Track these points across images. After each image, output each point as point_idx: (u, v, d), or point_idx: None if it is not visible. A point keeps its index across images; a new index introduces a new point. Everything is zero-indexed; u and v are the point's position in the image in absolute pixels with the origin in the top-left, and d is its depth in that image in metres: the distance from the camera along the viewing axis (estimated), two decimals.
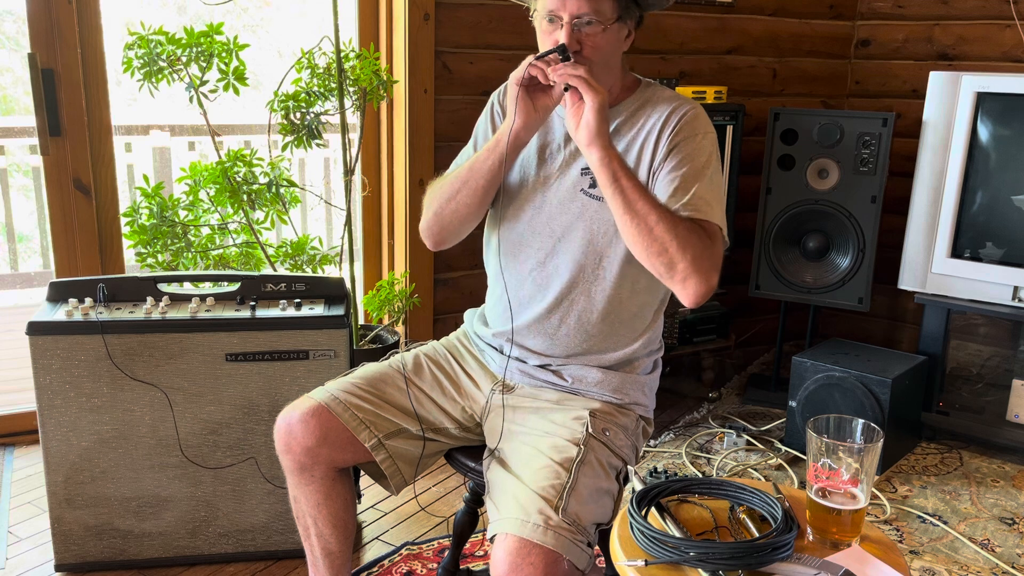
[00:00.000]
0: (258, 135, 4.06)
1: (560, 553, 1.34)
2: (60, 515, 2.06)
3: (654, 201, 1.45)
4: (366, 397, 1.66)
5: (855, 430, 1.35)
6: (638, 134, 1.59)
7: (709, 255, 1.46)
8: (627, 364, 1.65)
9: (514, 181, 1.67)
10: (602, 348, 1.64)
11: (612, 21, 1.51)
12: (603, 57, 1.53)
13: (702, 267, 1.44)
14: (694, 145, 1.54)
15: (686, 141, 1.54)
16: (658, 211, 1.44)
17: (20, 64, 4.44)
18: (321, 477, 1.66)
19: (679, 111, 1.57)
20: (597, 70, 1.50)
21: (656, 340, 1.72)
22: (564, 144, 1.64)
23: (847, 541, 1.30)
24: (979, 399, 2.91)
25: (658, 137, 1.56)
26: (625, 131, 1.60)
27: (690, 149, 1.54)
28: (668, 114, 1.57)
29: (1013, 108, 2.68)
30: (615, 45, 1.56)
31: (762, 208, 3.06)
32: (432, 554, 2.24)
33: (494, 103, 1.76)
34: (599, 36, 1.50)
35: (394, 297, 2.80)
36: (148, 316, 2.01)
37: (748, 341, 3.68)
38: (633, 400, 1.64)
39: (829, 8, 3.46)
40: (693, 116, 1.57)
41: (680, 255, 1.43)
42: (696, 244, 1.44)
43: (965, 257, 2.79)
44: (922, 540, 2.37)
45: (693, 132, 1.55)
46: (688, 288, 1.45)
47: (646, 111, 1.60)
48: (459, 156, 1.81)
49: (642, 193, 1.45)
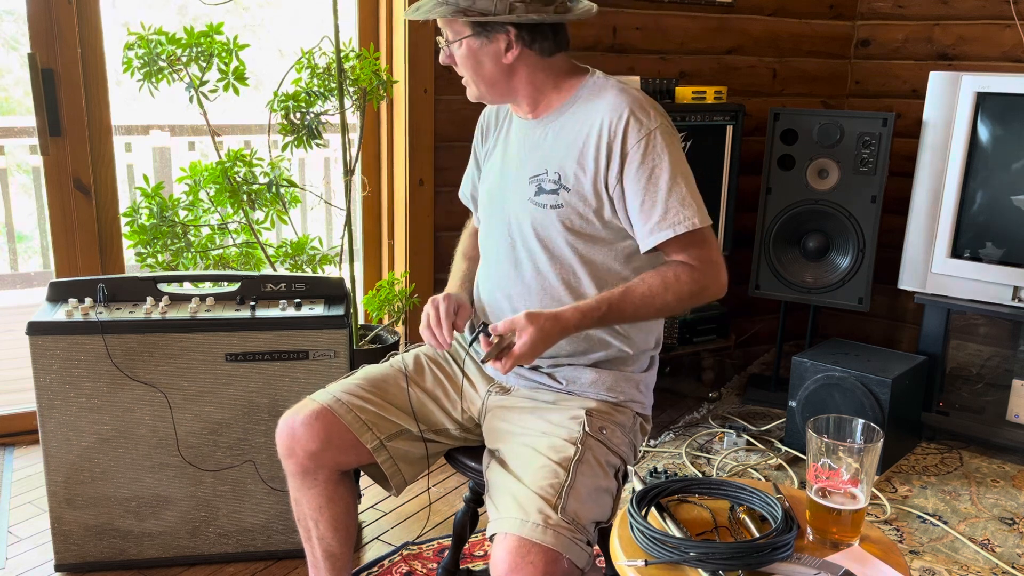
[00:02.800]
0: (258, 135, 4.06)
1: (560, 552, 1.34)
2: (60, 515, 2.06)
3: (641, 293, 1.49)
4: (368, 398, 1.66)
5: (855, 430, 1.35)
6: (578, 135, 1.55)
7: (707, 273, 1.52)
8: (620, 363, 1.64)
9: (483, 191, 1.74)
10: (589, 348, 1.62)
11: (464, 36, 1.52)
12: (478, 72, 1.56)
13: (710, 288, 1.53)
14: (652, 151, 1.49)
15: (645, 152, 1.48)
16: (649, 296, 1.49)
17: (20, 64, 4.44)
18: (324, 480, 1.66)
19: (624, 117, 1.50)
20: (483, 90, 1.57)
21: (649, 338, 1.68)
22: (512, 153, 1.66)
23: (847, 541, 1.30)
24: (979, 399, 2.90)
25: (609, 147, 1.50)
26: (565, 133, 1.57)
27: (650, 159, 1.48)
28: (614, 121, 1.50)
29: (1013, 108, 2.68)
30: (484, 59, 1.53)
31: (762, 208, 3.06)
32: (432, 554, 2.24)
33: (480, 122, 1.80)
34: (459, 54, 1.55)
35: (394, 297, 2.80)
36: (148, 316, 2.01)
37: (748, 341, 3.68)
38: (629, 398, 1.64)
39: (829, 8, 3.45)
40: (642, 115, 1.50)
41: (693, 299, 1.52)
42: (694, 279, 1.50)
43: (965, 257, 2.79)
44: (922, 540, 2.37)
45: (646, 134, 1.49)
46: (716, 298, 1.56)
47: (585, 109, 1.56)
48: (464, 182, 1.87)
49: (627, 301, 1.48)
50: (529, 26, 1.50)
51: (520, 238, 1.62)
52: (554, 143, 1.57)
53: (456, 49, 1.55)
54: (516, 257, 1.62)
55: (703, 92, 2.91)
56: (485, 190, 1.73)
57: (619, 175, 1.51)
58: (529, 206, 1.59)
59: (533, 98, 1.60)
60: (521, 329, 1.41)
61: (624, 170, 1.50)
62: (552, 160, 1.57)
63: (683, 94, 2.91)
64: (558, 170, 1.55)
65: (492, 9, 1.46)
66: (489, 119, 1.77)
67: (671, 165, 1.49)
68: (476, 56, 1.54)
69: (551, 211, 1.56)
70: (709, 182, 2.97)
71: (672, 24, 3.21)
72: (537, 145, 1.60)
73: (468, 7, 1.47)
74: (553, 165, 1.56)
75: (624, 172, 1.50)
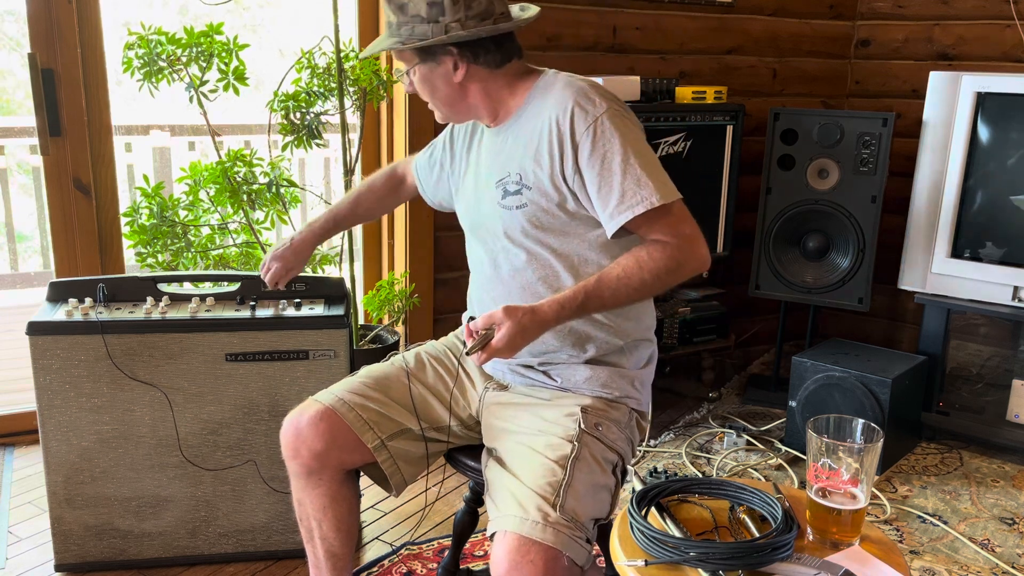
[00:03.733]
0: (258, 135, 4.06)
1: (560, 550, 1.35)
2: (60, 515, 2.06)
3: (616, 276, 1.48)
4: (372, 396, 1.67)
5: (855, 430, 1.35)
6: (532, 134, 1.57)
7: (681, 248, 1.50)
8: (614, 358, 1.65)
9: (461, 209, 1.77)
10: (578, 343, 1.62)
11: (415, 64, 1.59)
12: (435, 96, 1.62)
13: (687, 263, 1.51)
14: (602, 137, 1.50)
15: (594, 139, 1.50)
16: (625, 278, 1.48)
17: (20, 64, 4.44)
18: (329, 480, 1.67)
19: (569, 109, 1.52)
20: (445, 111, 1.65)
21: (638, 327, 1.68)
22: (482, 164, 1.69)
23: (847, 541, 1.30)
24: (979, 399, 2.90)
25: (560, 140, 1.52)
26: (522, 134, 1.60)
27: (601, 145, 1.50)
28: (560, 115, 1.53)
29: (1013, 108, 2.68)
30: (437, 82, 1.60)
31: (762, 208, 3.06)
32: (432, 554, 2.24)
33: (447, 132, 1.85)
34: (415, 81, 1.62)
35: (394, 297, 2.80)
36: (148, 316, 2.01)
37: (748, 341, 3.68)
38: (624, 394, 1.64)
39: (829, 8, 3.46)
40: (587, 104, 1.52)
41: (671, 276, 1.50)
42: (667, 255, 1.49)
43: (965, 257, 2.79)
44: (922, 540, 2.37)
45: (593, 121, 1.50)
46: (697, 272, 1.54)
47: (536, 108, 1.59)
48: (422, 153, 1.92)
49: (604, 286, 1.48)
50: (470, 43, 1.55)
51: (496, 242, 1.65)
52: (513, 146, 1.61)
53: (412, 77, 1.62)
54: (495, 261, 1.66)
55: (703, 92, 2.91)
56: (463, 207, 1.77)
57: (575, 166, 1.53)
58: (498, 210, 1.62)
59: (492, 109, 1.64)
60: (499, 323, 1.42)
61: (578, 160, 1.52)
62: (512, 162, 1.60)
63: (683, 94, 2.91)
64: (519, 171, 1.59)
65: (430, 33, 1.52)
66: (457, 130, 1.82)
67: (622, 147, 1.50)
68: (429, 81, 1.60)
69: (517, 211, 1.59)
70: (709, 182, 2.97)
71: (672, 24, 3.21)
72: (500, 151, 1.64)
73: (409, 36, 1.54)
74: (514, 167, 1.60)
75: (579, 162, 1.52)
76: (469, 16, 1.51)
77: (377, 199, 1.99)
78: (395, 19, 1.56)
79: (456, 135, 1.81)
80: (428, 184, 1.90)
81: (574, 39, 3.05)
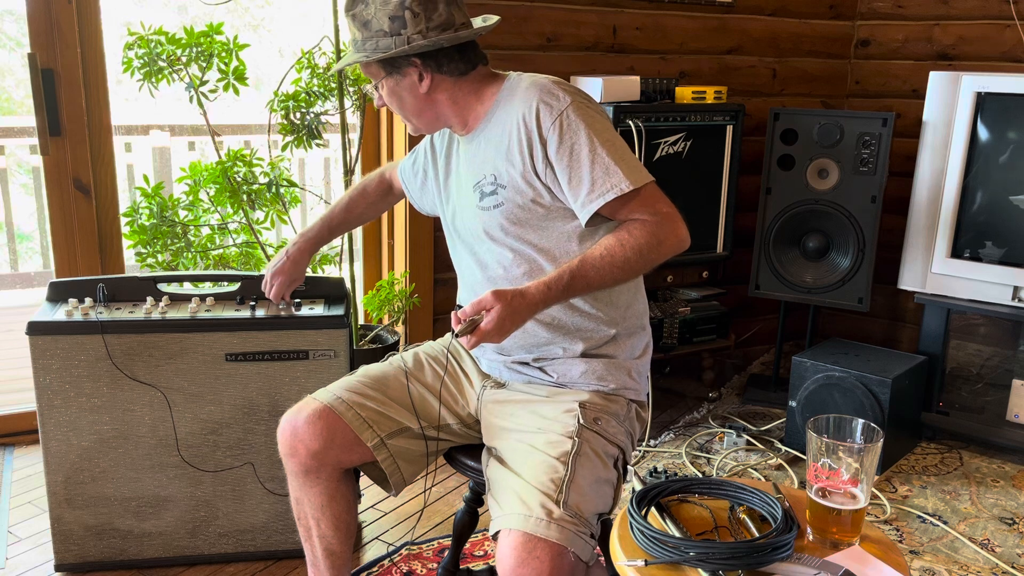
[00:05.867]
0: (258, 135, 4.06)
1: (565, 546, 1.35)
2: (60, 515, 2.06)
3: (599, 255, 1.49)
4: (370, 395, 1.67)
5: (855, 430, 1.35)
6: (502, 135, 1.60)
7: (660, 224, 1.52)
8: (609, 349, 1.65)
9: (447, 218, 1.79)
10: (569, 334, 1.63)
11: (381, 78, 1.62)
12: (404, 107, 1.65)
13: (667, 240, 1.52)
14: (568, 129, 1.52)
15: (561, 132, 1.52)
16: (608, 256, 1.48)
17: (20, 64, 4.44)
18: (327, 479, 1.67)
19: (534, 106, 1.55)
20: (416, 122, 1.67)
21: (626, 313, 1.68)
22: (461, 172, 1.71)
23: (847, 541, 1.30)
24: (979, 399, 2.90)
25: (529, 138, 1.55)
26: (493, 137, 1.62)
27: (568, 137, 1.52)
28: (527, 113, 1.55)
29: (1013, 108, 2.68)
30: (404, 94, 1.62)
31: (762, 208, 3.06)
32: (432, 554, 2.24)
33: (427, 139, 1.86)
34: (384, 95, 1.65)
35: (394, 297, 2.80)
36: (148, 316, 2.01)
37: (748, 341, 3.68)
38: (621, 385, 1.65)
39: (829, 8, 3.46)
40: (551, 99, 1.54)
41: (653, 252, 1.51)
42: (647, 231, 1.50)
43: (965, 257, 2.79)
44: (922, 540, 2.37)
45: (558, 115, 1.53)
46: (678, 250, 1.55)
47: (504, 110, 1.61)
48: (405, 158, 1.94)
49: (588, 265, 1.48)
50: (433, 53, 1.57)
51: (479, 244, 1.67)
52: (486, 149, 1.63)
53: (381, 91, 1.65)
54: (481, 262, 1.68)
55: (703, 92, 2.91)
56: (448, 214, 1.78)
57: (545, 160, 1.55)
58: (478, 212, 1.64)
59: (461, 117, 1.66)
60: (488, 307, 1.42)
61: (548, 154, 1.54)
62: (487, 165, 1.62)
63: (683, 94, 2.91)
64: (493, 172, 1.61)
65: (393, 46, 1.55)
66: (436, 138, 1.83)
67: (588, 138, 1.52)
68: (397, 93, 1.63)
69: (495, 211, 1.61)
70: (709, 182, 2.97)
71: (672, 24, 3.21)
72: (474, 156, 1.66)
73: (373, 50, 1.57)
74: (488, 169, 1.62)
75: (548, 156, 1.54)
76: (430, 27, 1.55)
77: (369, 204, 2.03)
78: (360, 35, 1.59)
79: (436, 143, 1.82)
80: (414, 190, 1.93)
81: (574, 39, 3.05)
